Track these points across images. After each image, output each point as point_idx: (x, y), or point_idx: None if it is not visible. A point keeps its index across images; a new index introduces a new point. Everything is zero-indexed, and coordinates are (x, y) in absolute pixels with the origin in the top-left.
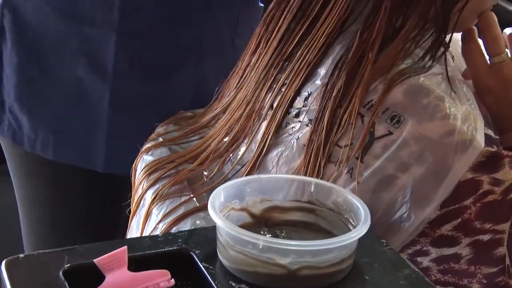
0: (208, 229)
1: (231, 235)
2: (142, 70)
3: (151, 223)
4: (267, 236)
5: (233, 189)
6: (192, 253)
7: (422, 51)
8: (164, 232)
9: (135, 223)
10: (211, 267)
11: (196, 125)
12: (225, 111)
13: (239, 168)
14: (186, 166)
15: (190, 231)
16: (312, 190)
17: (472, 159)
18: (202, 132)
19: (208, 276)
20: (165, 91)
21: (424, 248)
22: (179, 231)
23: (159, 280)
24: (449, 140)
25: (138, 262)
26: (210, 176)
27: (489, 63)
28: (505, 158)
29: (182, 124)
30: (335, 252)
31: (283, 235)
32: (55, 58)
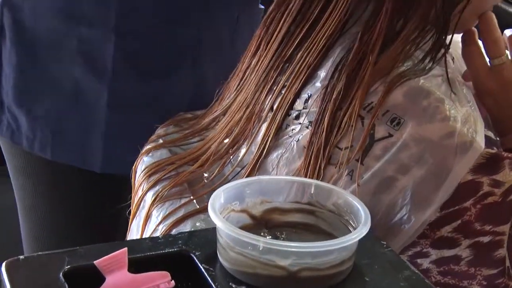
0: (208, 230)
1: (231, 236)
2: (140, 70)
3: (151, 225)
4: (267, 238)
5: (233, 190)
6: (192, 254)
7: (422, 53)
8: (164, 234)
9: (135, 225)
10: (211, 269)
11: (196, 127)
12: (225, 113)
13: (239, 170)
14: (186, 168)
15: (190, 232)
16: (312, 192)
17: (472, 161)
18: (202, 134)
19: (208, 277)
20: (163, 91)
21: (424, 250)
22: (179, 232)
23: (159, 281)
24: (449, 142)
25: (138, 264)
26: (210, 178)
27: (489, 65)
28: (505, 159)
29: (182, 126)
30: (335, 253)
31: (283, 236)
32: (53, 58)
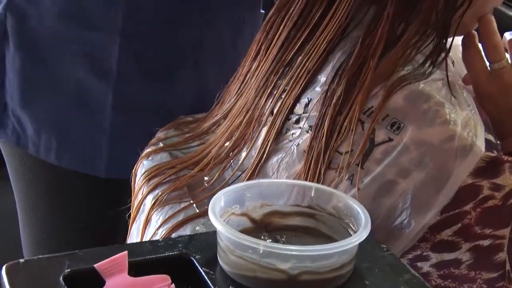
0: (208, 234)
1: (232, 240)
2: (145, 72)
3: (150, 229)
4: (267, 241)
5: (233, 194)
6: (192, 258)
7: (422, 57)
8: (164, 237)
9: (135, 229)
10: (211, 272)
11: (197, 130)
12: (225, 117)
13: (239, 174)
14: (187, 172)
15: (190, 236)
16: (313, 195)
17: (473, 165)
18: (202, 137)
19: (209, 281)
20: (167, 93)
21: (424, 253)
22: (180, 236)
23: (160, 285)
24: (449, 145)
25: (139, 267)
26: (210, 182)
27: (489, 69)
28: (505, 163)
29: (183, 129)
30: (336, 257)
31: (283, 240)
32: (58, 61)
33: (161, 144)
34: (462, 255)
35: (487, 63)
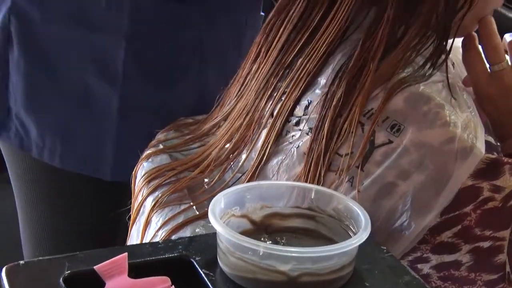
0: (208, 235)
1: (232, 241)
2: (149, 75)
3: (150, 231)
4: (267, 243)
5: (233, 195)
6: (192, 259)
7: (422, 59)
8: (164, 239)
9: (135, 230)
10: (211, 274)
11: (197, 132)
12: (225, 119)
13: (239, 176)
14: (187, 174)
15: (190, 238)
16: (313, 197)
17: (473, 167)
18: (202, 139)
19: (209, 282)
20: (171, 95)
21: (425, 255)
22: (180, 237)
23: (160, 286)
24: (449, 147)
25: (139, 269)
26: (210, 184)
27: (489, 71)
28: (505, 165)
29: (183, 131)
30: (336, 258)
31: (284, 241)
32: (63, 65)
33: (161, 146)
34: (462, 256)
35: (487, 65)
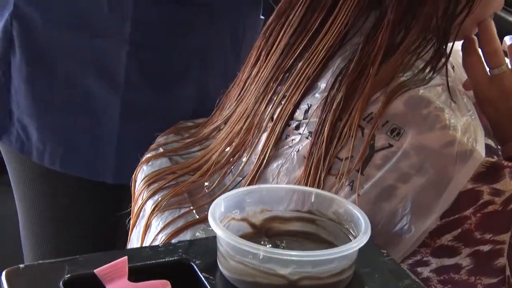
0: (208, 239)
1: (231, 245)
2: (151, 80)
3: (150, 234)
4: (267, 246)
5: (233, 199)
6: (192, 263)
7: (422, 63)
8: (163, 243)
9: (135, 234)
10: (211, 277)
11: (197, 136)
12: (226, 123)
13: (239, 180)
14: (187, 177)
15: (190, 241)
16: (313, 200)
17: (473, 170)
18: (202, 143)
19: (209, 286)
20: (173, 99)
21: (425, 259)
22: (180, 241)
23: None
24: (449, 150)
25: (139, 272)
26: (211, 188)
27: (489, 74)
28: (505, 168)
29: (183, 135)
30: (336, 262)
31: (284, 245)
32: (64, 69)
33: (161, 150)
34: (462, 260)
35: (487, 69)
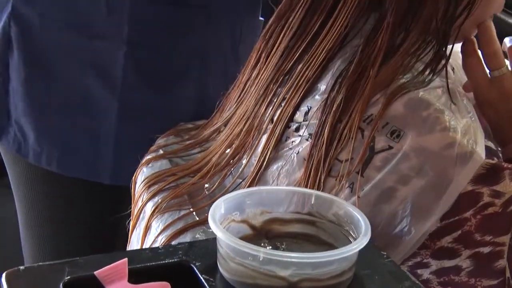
0: (208, 241)
1: (232, 247)
2: (149, 81)
3: (150, 236)
4: (267, 248)
5: (233, 201)
6: (192, 265)
7: (422, 65)
8: (164, 245)
9: (135, 236)
10: (211, 279)
11: (197, 138)
12: (226, 125)
13: (240, 182)
14: (187, 179)
15: (190, 243)
16: (313, 202)
17: (473, 172)
18: (202, 145)
19: None
20: (172, 101)
21: (425, 260)
22: (180, 243)
23: None
24: (449, 152)
25: (139, 274)
26: (211, 190)
27: (489, 76)
28: (505, 170)
29: (183, 136)
30: (336, 264)
31: (284, 247)
32: (62, 70)
33: (161, 151)
34: (462, 262)
35: (487, 71)
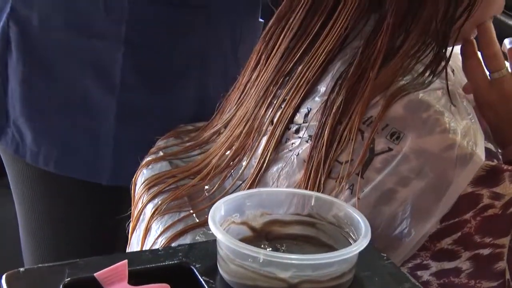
0: (208, 243)
1: (231, 248)
2: (148, 82)
3: (150, 238)
4: (267, 250)
5: (233, 202)
6: (192, 267)
7: (422, 67)
8: (163, 247)
9: (135, 238)
10: (211, 281)
11: (197, 140)
12: (226, 126)
13: (240, 184)
14: (187, 181)
15: (190, 245)
16: (313, 204)
17: (473, 174)
18: (202, 147)
19: None
20: (170, 102)
21: (424, 262)
22: (180, 244)
23: None
24: (448, 154)
25: (139, 276)
26: (211, 192)
27: (489, 78)
28: (505, 172)
29: (183, 138)
30: (336, 266)
31: (284, 249)
32: (61, 71)
33: (161, 153)
34: (462, 264)
35: (487, 72)
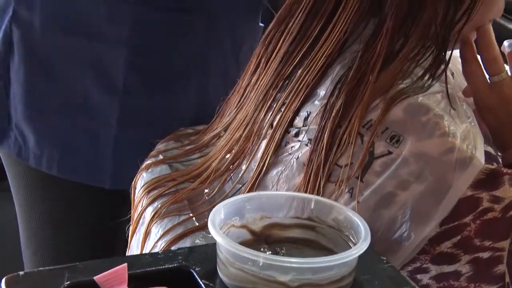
0: (208, 246)
1: (231, 252)
2: (150, 85)
3: (150, 241)
4: (267, 253)
5: (233, 206)
6: (192, 270)
7: (421, 70)
8: (163, 250)
9: (135, 241)
10: (211, 284)
11: (197, 143)
12: (225, 130)
13: (239, 187)
14: (187, 184)
15: (190, 248)
16: (313, 207)
17: (472, 177)
18: (202, 150)
19: None
20: (170, 102)
21: (424, 265)
22: (179, 248)
23: None
24: (448, 157)
25: (138, 280)
26: (211, 195)
27: (489, 81)
28: (504, 175)
29: (183, 141)
30: (336, 269)
31: (283, 252)
32: (63, 74)
33: (161, 156)
34: (461, 267)
35: (487, 76)
